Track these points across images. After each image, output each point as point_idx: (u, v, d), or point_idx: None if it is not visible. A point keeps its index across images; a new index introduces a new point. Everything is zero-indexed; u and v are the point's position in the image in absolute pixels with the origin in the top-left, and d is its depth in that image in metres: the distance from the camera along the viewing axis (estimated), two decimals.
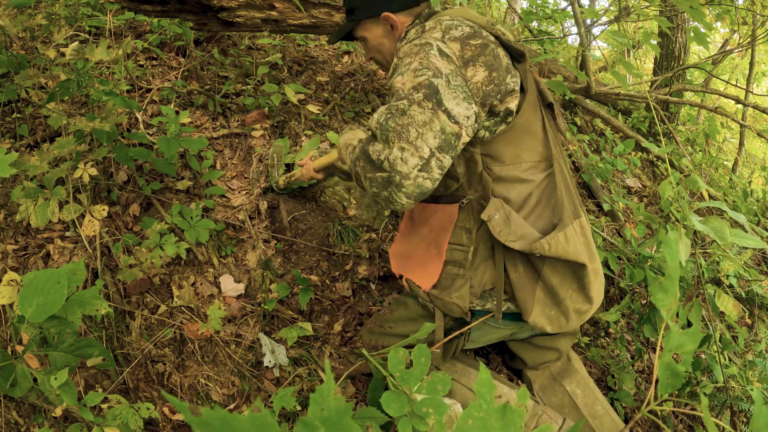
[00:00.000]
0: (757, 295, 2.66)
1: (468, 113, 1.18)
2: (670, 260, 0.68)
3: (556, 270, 1.34)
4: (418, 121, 1.12)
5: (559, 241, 1.29)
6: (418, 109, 1.13)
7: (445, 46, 1.21)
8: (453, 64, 1.19)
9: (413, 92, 1.14)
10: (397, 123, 1.12)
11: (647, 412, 0.62)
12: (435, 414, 0.98)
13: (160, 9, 2.03)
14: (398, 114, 1.13)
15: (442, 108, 1.14)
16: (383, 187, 1.14)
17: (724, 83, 4.69)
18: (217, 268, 1.91)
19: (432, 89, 1.14)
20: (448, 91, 1.16)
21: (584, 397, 1.70)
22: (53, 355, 1.11)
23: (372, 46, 1.49)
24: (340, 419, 0.38)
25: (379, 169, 1.13)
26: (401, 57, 1.24)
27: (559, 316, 1.38)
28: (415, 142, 1.11)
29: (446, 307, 1.41)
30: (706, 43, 2.01)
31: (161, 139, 1.82)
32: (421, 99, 1.13)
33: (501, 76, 1.26)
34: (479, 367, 0.60)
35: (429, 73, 1.16)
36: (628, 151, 2.48)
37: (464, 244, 1.38)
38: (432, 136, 1.12)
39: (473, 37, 1.25)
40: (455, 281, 1.39)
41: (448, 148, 1.15)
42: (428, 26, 1.28)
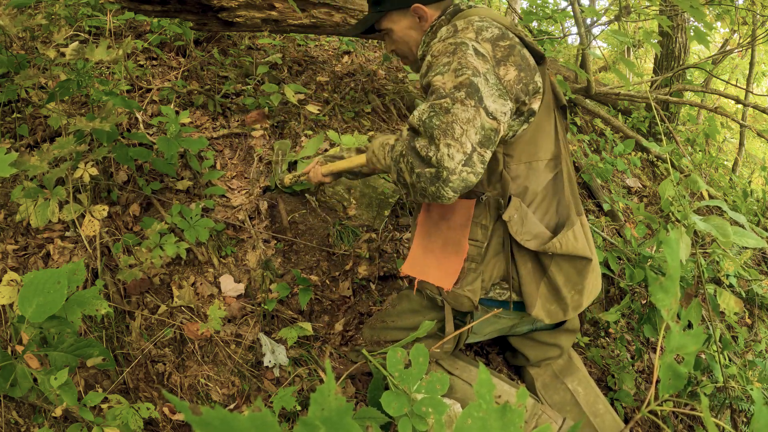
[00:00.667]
0: (757, 295, 2.66)
1: (504, 109, 1.23)
2: (671, 260, 0.68)
3: (561, 269, 1.41)
4: (462, 118, 1.15)
5: (569, 239, 1.37)
6: (461, 107, 1.16)
7: (480, 46, 1.24)
8: (488, 63, 1.23)
9: (455, 91, 1.18)
10: (441, 121, 1.16)
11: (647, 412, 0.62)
12: (434, 413, 0.98)
13: (160, 9, 2.03)
14: (442, 112, 1.16)
15: (483, 105, 1.18)
16: (431, 182, 1.17)
17: (724, 83, 4.69)
18: (217, 268, 1.91)
19: (473, 88, 1.17)
20: (487, 88, 1.20)
21: (586, 395, 1.70)
22: (53, 355, 1.11)
23: (398, 38, 1.47)
24: (340, 419, 0.38)
25: (427, 165, 1.17)
26: (436, 55, 1.26)
27: (558, 311, 1.45)
28: (460, 138, 1.15)
29: (457, 300, 1.42)
30: (706, 42, 2.01)
31: (161, 139, 1.82)
32: (464, 97, 1.17)
33: (529, 75, 1.29)
34: (479, 366, 0.60)
35: (468, 72, 1.19)
36: (628, 151, 2.48)
37: (479, 240, 1.40)
38: (474, 132, 1.16)
39: (502, 38, 1.28)
40: (467, 275, 1.42)
41: (488, 143, 1.20)
42: (460, 26, 1.29)
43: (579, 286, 1.45)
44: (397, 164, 1.27)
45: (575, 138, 3.27)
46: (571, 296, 1.44)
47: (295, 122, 2.47)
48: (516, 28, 1.35)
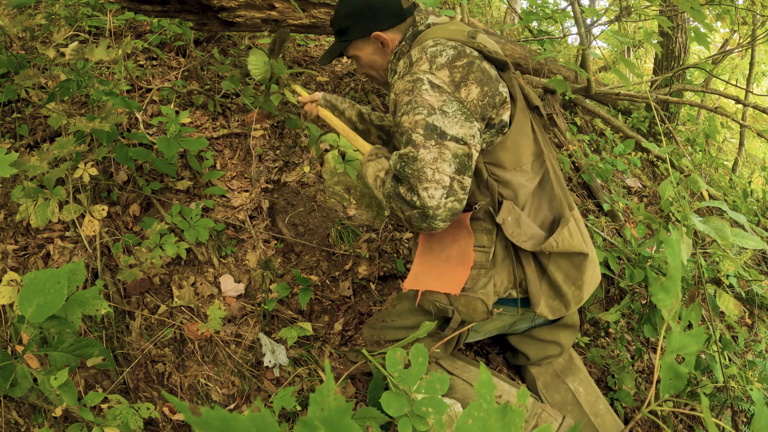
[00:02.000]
0: (757, 295, 2.66)
1: (472, 131, 1.28)
2: (672, 260, 0.68)
3: (559, 267, 1.44)
4: (429, 159, 1.24)
5: (565, 237, 1.39)
6: (424, 150, 1.24)
7: (434, 77, 1.28)
8: (444, 93, 1.27)
9: (417, 135, 1.26)
10: (412, 169, 1.25)
11: (647, 413, 0.62)
12: (434, 413, 0.98)
13: (160, 9, 2.03)
14: (410, 161, 1.25)
15: (447, 138, 1.25)
16: (421, 220, 1.28)
17: (724, 83, 4.69)
18: (217, 268, 1.91)
19: (429, 128, 1.25)
20: (447, 120, 1.26)
21: (587, 395, 1.70)
22: (53, 355, 1.11)
23: (365, 63, 1.55)
24: (340, 419, 0.38)
25: (413, 207, 1.27)
26: (398, 94, 1.32)
27: (561, 306, 1.47)
28: (434, 177, 1.24)
29: (469, 305, 1.41)
30: (706, 43, 2.01)
31: (161, 139, 1.82)
32: (423, 140, 1.25)
33: (493, 87, 1.32)
34: (480, 366, 0.59)
35: (424, 112, 1.26)
36: (628, 151, 2.47)
37: (485, 245, 1.42)
38: (447, 165, 1.25)
39: (458, 58, 1.31)
40: (479, 280, 1.43)
41: (464, 168, 1.27)
42: (415, 57, 1.33)
43: (579, 281, 1.47)
44: (389, 202, 1.35)
45: (575, 138, 3.27)
46: (572, 292, 1.46)
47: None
48: (473, 40, 1.37)
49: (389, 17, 1.45)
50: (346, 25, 1.48)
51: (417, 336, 1.22)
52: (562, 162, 2.77)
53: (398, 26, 1.47)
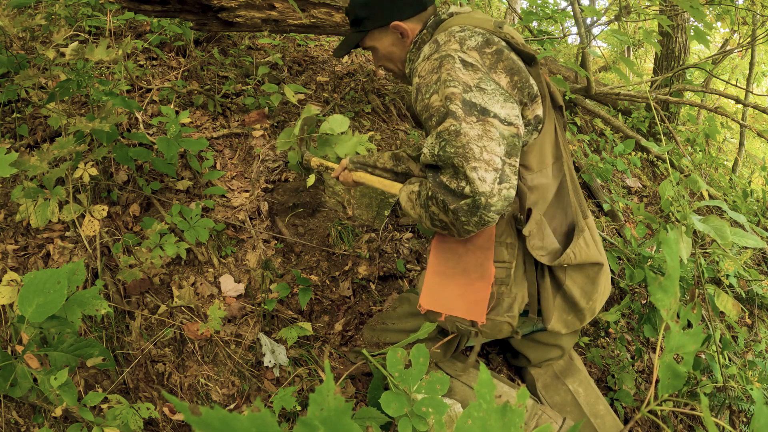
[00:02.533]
0: (757, 295, 2.66)
1: (516, 112, 1.16)
2: (670, 260, 0.68)
3: (575, 282, 1.36)
4: (474, 135, 1.08)
5: (582, 247, 1.31)
6: (467, 126, 1.09)
7: (467, 56, 1.17)
8: (479, 71, 1.16)
9: (455, 106, 1.11)
10: (455, 146, 1.09)
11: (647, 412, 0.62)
12: (435, 413, 0.98)
13: (160, 9, 2.03)
14: (453, 136, 1.09)
15: (491, 114, 1.11)
16: (471, 213, 1.10)
17: (724, 83, 4.69)
18: (217, 268, 1.91)
19: (468, 104, 1.11)
20: (486, 97, 1.12)
21: (586, 396, 1.70)
22: (53, 355, 1.11)
23: (382, 55, 1.46)
24: (339, 419, 0.38)
25: (461, 197, 1.09)
26: (423, 76, 1.21)
27: (575, 320, 1.42)
28: (483, 156, 1.07)
29: (495, 327, 1.32)
30: (706, 41, 2.01)
31: (161, 140, 1.82)
32: (464, 114, 1.10)
33: (524, 78, 1.23)
34: (480, 367, 0.60)
35: (459, 87, 1.12)
36: (628, 151, 2.47)
37: (506, 260, 1.32)
38: (496, 144, 1.09)
39: (487, 45, 1.22)
40: (502, 300, 1.32)
41: (514, 150, 1.12)
42: (442, 40, 1.23)
43: (594, 294, 1.40)
44: (427, 209, 1.20)
45: (575, 138, 3.27)
46: (589, 306, 1.41)
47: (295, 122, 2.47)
48: (500, 30, 1.29)
49: (409, 5, 1.36)
50: (363, 14, 1.38)
51: (417, 337, 1.22)
52: None
53: (419, 15, 1.37)
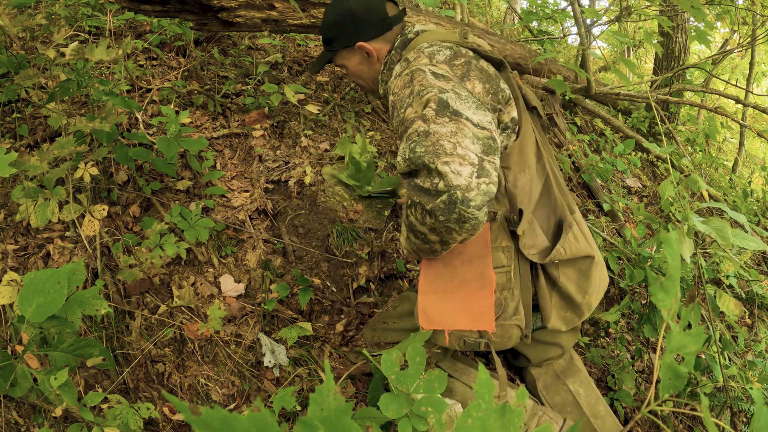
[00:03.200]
0: (757, 295, 2.66)
1: (488, 119, 1.14)
2: (671, 260, 0.68)
3: (569, 278, 1.38)
4: (445, 133, 1.06)
5: (571, 242, 1.34)
6: (436, 126, 1.07)
7: (437, 69, 1.20)
8: (450, 81, 1.17)
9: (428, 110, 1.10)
10: (424, 146, 1.05)
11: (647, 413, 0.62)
12: (434, 412, 0.98)
13: (160, 9, 2.03)
14: (422, 137, 1.06)
15: (463, 117, 1.09)
16: (449, 210, 1.03)
17: (724, 83, 4.69)
18: (217, 268, 1.91)
19: (442, 104, 1.10)
20: (460, 102, 1.12)
21: (587, 396, 1.70)
22: (53, 355, 1.11)
23: (352, 73, 1.52)
24: (339, 419, 0.38)
25: (436, 195, 1.04)
26: (396, 92, 1.22)
27: (574, 316, 1.44)
28: (456, 151, 1.03)
29: (505, 333, 1.32)
30: (707, 41, 2.01)
31: (161, 139, 1.82)
32: (435, 115, 1.08)
33: (495, 84, 1.27)
34: (478, 367, 0.60)
35: (434, 90, 1.12)
36: (628, 151, 2.47)
37: (505, 264, 1.31)
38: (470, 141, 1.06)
39: (455, 57, 1.26)
40: (507, 305, 1.31)
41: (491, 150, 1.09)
42: (412, 57, 1.27)
43: (589, 288, 1.42)
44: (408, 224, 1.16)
45: (575, 138, 3.27)
46: (585, 301, 1.42)
47: (295, 122, 2.47)
48: (466, 40, 1.32)
49: (373, 27, 1.41)
50: (331, 35, 1.45)
51: (419, 339, 1.22)
52: (562, 162, 2.77)
53: (384, 36, 1.43)
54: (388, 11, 1.43)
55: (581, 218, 1.47)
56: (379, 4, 1.41)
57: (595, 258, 1.41)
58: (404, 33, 1.42)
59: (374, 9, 1.40)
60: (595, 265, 1.43)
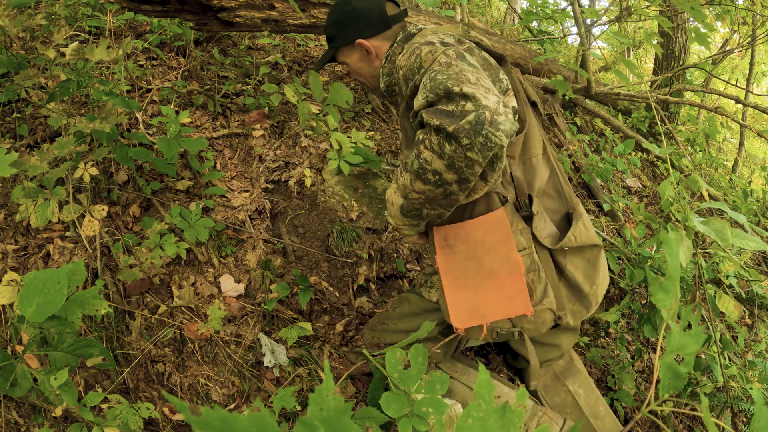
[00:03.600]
0: (757, 295, 2.66)
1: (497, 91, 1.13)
2: (671, 260, 0.68)
3: (577, 267, 1.38)
4: (467, 67, 1.04)
5: (582, 230, 1.35)
6: (460, 61, 1.07)
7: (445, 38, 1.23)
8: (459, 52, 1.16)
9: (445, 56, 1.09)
10: (447, 73, 1.02)
11: (647, 413, 0.62)
12: (435, 413, 0.98)
13: (160, 9, 2.03)
14: (444, 68, 1.04)
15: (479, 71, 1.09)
16: (475, 132, 0.96)
17: (724, 83, 4.69)
18: (217, 268, 1.91)
19: (459, 54, 1.10)
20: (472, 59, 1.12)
21: (587, 397, 1.70)
22: (53, 355, 1.11)
23: (353, 70, 1.55)
24: (339, 419, 0.38)
25: (461, 116, 0.97)
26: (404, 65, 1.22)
27: (582, 309, 1.42)
28: (480, 82, 1.00)
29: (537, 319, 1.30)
30: (707, 43, 2.01)
31: (161, 139, 1.82)
32: (455, 57, 1.08)
33: (495, 72, 1.27)
34: (479, 367, 0.60)
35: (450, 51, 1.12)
36: (628, 151, 2.47)
37: (526, 247, 1.30)
38: (489, 78, 1.06)
39: (460, 43, 1.28)
40: (536, 288, 1.30)
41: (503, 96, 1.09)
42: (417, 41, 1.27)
43: (597, 278, 1.42)
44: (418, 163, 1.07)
45: (575, 138, 3.27)
46: (593, 291, 1.41)
47: (295, 122, 2.47)
48: (469, 34, 1.36)
49: (372, 25, 1.44)
50: (333, 32, 1.49)
51: (417, 337, 1.22)
52: (562, 162, 2.77)
53: (383, 34, 1.45)
54: (388, 10, 1.45)
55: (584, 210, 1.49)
56: (379, 2, 1.44)
57: (601, 248, 1.43)
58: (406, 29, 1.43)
59: (374, 7, 1.43)
60: (601, 255, 1.44)
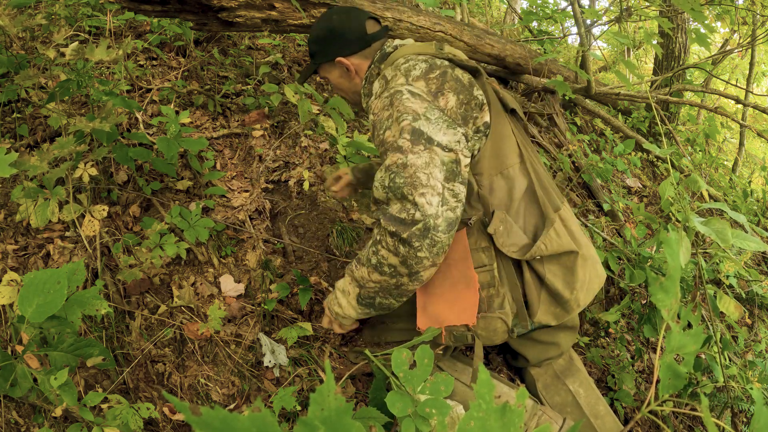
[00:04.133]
0: (757, 295, 2.67)
1: (457, 137, 1.28)
2: (671, 260, 0.68)
3: (555, 274, 1.42)
4: (420, 164, 1.21)
5: (552, 238, 1.38)
6: (413, 156, 1.22)
7: (413, 87, 1.31)
8: (425, 101, 1.28)
9: (403, 140, 1.23)
10: (403, 177, 1.21)
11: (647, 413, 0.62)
12: (438, 415, 0.98)
13: (160, 9, 2.03)
14: (401, 168, 1.22)
15: (435, 143, 1.23)
16: (423, 236, 1.20)
17: (724, 83, 4.69)
18: (217, 268, 1.91)
19: (417, 133, 1.23)
20: (431, 126, 1.25)
21: (587, 396, 1.70)
22: (53, 355, 1.11)
23: (334, 85, 1.63)
24: (339, 419, 0.38)
25: (412, 224, 1.19)
26: (377, 113, 1.34)
27: (562, 312, 1.46)
28: (429, 182, 1.20)
29: (489, 326, 1.39)
30: (707, 43, 2.01)
31: (161, 139, 1.82)
32: (411, 146, 1.22)
33: (468, 93, 1.35)
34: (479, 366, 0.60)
35: (409, 118, 1.25)
36: (628, 151, 2.48)
37: (486, 264, 1.40)
38: (438, 171, 1.22)
39: (431, 70, 1.34)
40: (492, 302, 1.40)
41: (453, 176, 1.24)
42: (389, 75, 1.37)
43: (576, 284, 1.45)
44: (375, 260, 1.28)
45: (575, 138, 3.27)
46: (573, 297, 1.45)
47: (295, 122, 2.47)
48: (442, 51, 1.41)
49: (351, 43, 1.50)
50: (314, 49, 1.54)
51: (422, 339, 1.22)
52: (562, 162, 2.77)
53: (362, 52, 1.51)
54: (367, 29, 1.51)
55: (567, 215, 1.50)
56: (359, 21, 1.50)
57: (579, 253, 1.43)
58: (383, 48, 1.50)
59: (354, 26, 1.49)
60: (582, 259, 1.45)
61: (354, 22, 1.50)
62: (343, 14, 1.52)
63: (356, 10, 1.54)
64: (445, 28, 2.68)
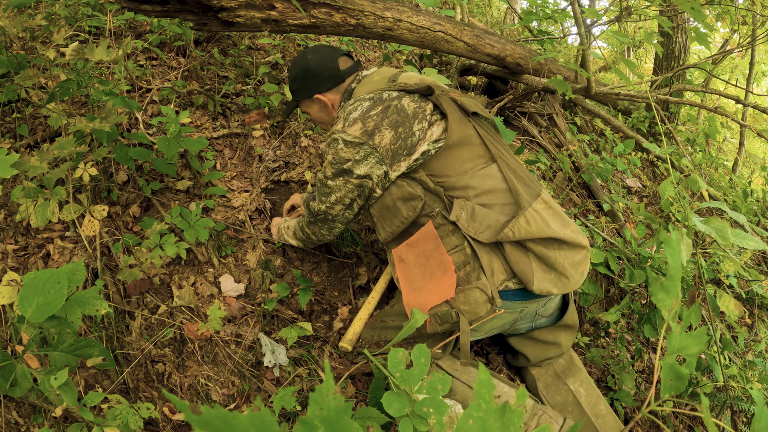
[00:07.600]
0: (757, 295, 2.66)
1: (379, 173, 1.50)
2: (672, 260, 0.67)
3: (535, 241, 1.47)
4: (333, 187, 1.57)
5: (521, 225, 1.43)
6: (333, 183, 1.56)
7: (346, 135, 1.49)
8: (357, 146, 1.48)
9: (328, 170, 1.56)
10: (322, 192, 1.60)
11: (647, 413, 0.62)
12: (435, 414, 0.98)
13: (160, 9, 2.03)
14: (321, 186, 1.60)
15: (354, 176, 1.51)
16: (323, 222, 1.66)
17: (724, 83, 4.69)
18: (217, 268, 1.91)
19: (341, 171, 1.52)
20: (357, 165, 1.49)
21: (587, 396, 1.70)
22: (53, 355, 1.11)
23: (315, 119, 1.81)
24: (339, 419, 0.38)
25: (316, 214, 1.65)
26: (324, 148, 1.58)
27: (559, 276, 1.48)
28: (329, 200, 1.60)
29: (469, 299, 1.44)
30: (707, 43, 2.01)
31: (161, 139, 1.82)
32: (332, 176, 1.55)
33: (408, 127, 1.47)
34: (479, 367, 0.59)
35: (337, 165, 1.53)
36: (628, 151, 2.47)
37: (457, 245, 1.48)
38: (350, 192, 1.56)
39: (372, 108, 1.49)
40: (470, 276, 1.46)
41: (362, 196, 1.56)
42: (339, 116, 1.57)
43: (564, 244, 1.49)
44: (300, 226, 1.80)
45: (575, 138, 3.27)
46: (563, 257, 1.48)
47: (295, 122, 2.47)
48: (393, 84, 1.54)
49: (326, 81, 1.66)
50: (294, 87, 1.71)
51: (410, 325, 1.22)
52: (562, 162, 2.77)
53: (337, 87, 1.68)
54: (340, 65, 1.67)
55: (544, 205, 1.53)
56: (332, 60, 1.66)
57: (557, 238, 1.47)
58: (351, 84, 1.67)
59: (327, 65, 1.65)
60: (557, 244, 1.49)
61: (328, 60, 1.66)
62: (317, 53, 1.67)
63: (330, 48, 1.70)
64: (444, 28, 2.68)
